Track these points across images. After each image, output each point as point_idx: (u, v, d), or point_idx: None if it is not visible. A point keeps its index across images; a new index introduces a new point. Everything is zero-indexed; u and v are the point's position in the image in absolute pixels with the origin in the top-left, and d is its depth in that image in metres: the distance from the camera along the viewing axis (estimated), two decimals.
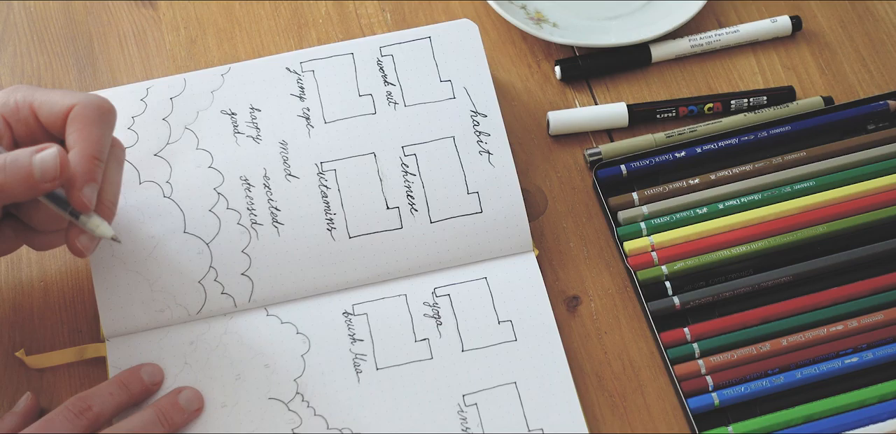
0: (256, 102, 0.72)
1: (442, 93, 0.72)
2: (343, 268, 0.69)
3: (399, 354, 0.66)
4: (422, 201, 0.70)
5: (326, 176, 0.70)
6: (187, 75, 0.73)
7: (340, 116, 0.72)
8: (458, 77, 0.73)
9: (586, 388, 0.67)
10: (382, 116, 0.72)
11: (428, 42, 0.74)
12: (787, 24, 0.77)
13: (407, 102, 0.72)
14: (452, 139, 0.71)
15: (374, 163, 0.71)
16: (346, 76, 0.73)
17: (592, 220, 0.72)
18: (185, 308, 0.68)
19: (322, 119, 0.72)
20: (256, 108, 0.72)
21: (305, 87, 0.73)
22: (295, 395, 0.66)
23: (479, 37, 0.74)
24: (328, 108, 0.72)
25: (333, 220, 0.70)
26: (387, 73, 0.73)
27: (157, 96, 0.72)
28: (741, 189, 0.71)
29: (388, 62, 0.73)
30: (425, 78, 0.73)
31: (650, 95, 0.77)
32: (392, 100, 0.72)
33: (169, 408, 0.64)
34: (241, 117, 0.72)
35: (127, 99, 0.72)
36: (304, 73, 0.73)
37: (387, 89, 0.72)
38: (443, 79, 0.73)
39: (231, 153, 0.71)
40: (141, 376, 0.65)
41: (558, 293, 0.70)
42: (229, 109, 0.72)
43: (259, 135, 0.71)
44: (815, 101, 0.75)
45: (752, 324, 0.67)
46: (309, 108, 0.72)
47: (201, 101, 0.72)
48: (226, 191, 0.70)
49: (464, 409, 0.65)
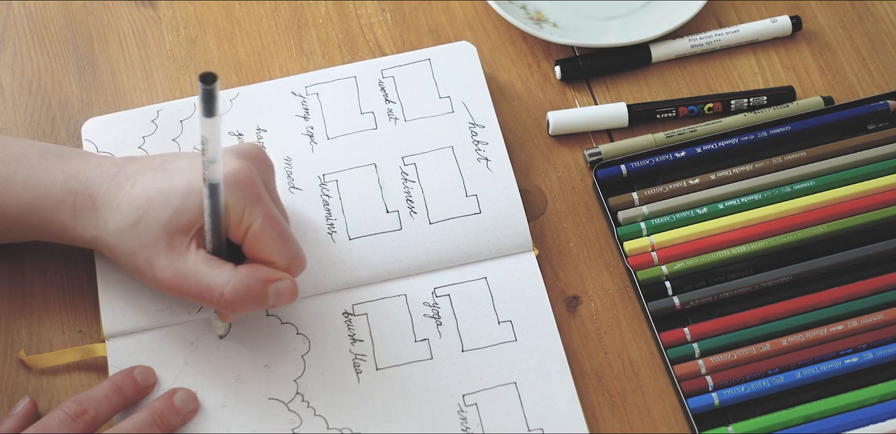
0: (262, 124, 0.74)
1: (441, 108, 0.73)
2: (343, 268, 0.69)
3: (399, 354, 0.67)
4: (421, 205, 0.70)
5: (328, 186, 0.71)
6: (195, 99, 0.74)
7: (343, 132, 0.73)
8: (456, 93, 0.74)
9: (586, 388, 0.67)
10: (383, 131, 0.73)
11: (428, 63, 0.75)
12: (787, 24, 0.77)
13: (407, 118, 0.73)
14: (451, 149, 0.72)
15: (374, 172, 0.72)
16: (348, 97, 0.74)
17: (592, 220, 0.72)
18: (186, 308, 0.68)
19: (325, 135, 0.73)
20: (262, 129, 0.73)
21: (310, 108, 0.74)
22: (295, 396, 0.66)
23: (477, 57, 0.75)
24: (331, 126, 0.73)
25: (334, 225, 0.70)
26: (388, 93, 0.74)
27: (168, 118, 0.74)
28: (741, 189, 0.71)
29: (390, 83, 0.75)
30: (425, 95, 0.74)
31: (650, 95, 0.77)
32: (393, 116, 0.73)
33: (164, 409, 0.64)
34: (248, 138, 0.73)
35: (138, 120, 0.74)
36: (308, 96, 0.75)
37: (388, 107, 0.74)
38: (442, 95, 0.74)
39: None
40: (134, 378, 0.65)
41: (558, 293, 0.70)
42: (236, 131, 0.73)
43: None
44: (815, 101, 0.75)
45: (752, 324, 0.67)
46: (313, 126, 0.73)
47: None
48: None
49: (464, 409, 0.65)
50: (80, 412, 0.62)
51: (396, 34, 0.79)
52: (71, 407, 0.62)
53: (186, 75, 0.78)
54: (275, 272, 0.62)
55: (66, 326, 0.70)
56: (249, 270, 0.61)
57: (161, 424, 0.63)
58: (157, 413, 0.64)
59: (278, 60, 0.78)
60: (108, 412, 0.63)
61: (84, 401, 0.63)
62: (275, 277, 0.62)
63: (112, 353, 0.67)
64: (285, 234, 0.63)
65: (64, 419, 0.62)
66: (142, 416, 0.63)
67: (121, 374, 0.65)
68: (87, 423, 0.62)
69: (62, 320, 0.70)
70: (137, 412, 0.64)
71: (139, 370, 0.66)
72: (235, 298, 0.61)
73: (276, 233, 0.62)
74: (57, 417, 0.62)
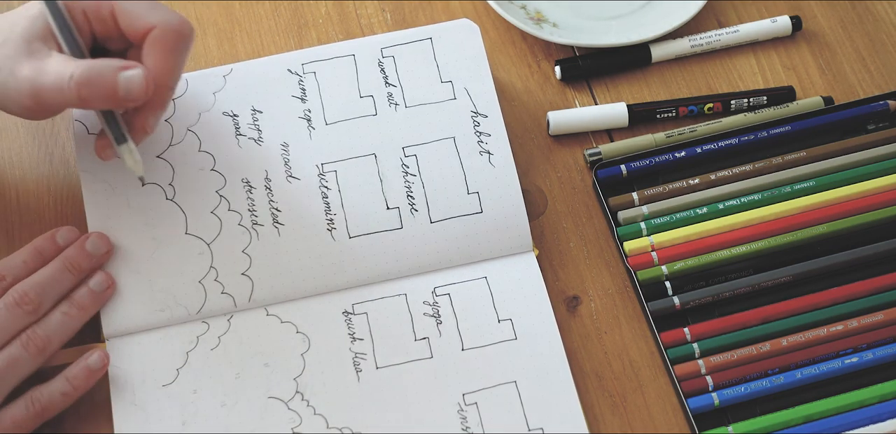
0: (258, 104, 0.72)
1: (443, 94, 0.72)
2: (343, 268, 0.69)
3: (399, 353, 0.66)
4: (422, 201, 0.70)
5: (327, 177, 0.70)
6: (189, 75, 0.73)
7: (341, 118, 0.72)
8: (459, 78, 0.73)
9: (586, 388, 0.67)
10: (383, 117, 0.72)
11: (429, 43, 0.74)
12: (787, 24, 0.77)
13: (408, 104, 0.72)
14: (453, 140, 0.71)
15: (374, 164, 0.71)
16: (347, 78, 0.73)
17: (592, 220, 0.72)
18: (185, 308, 0.68)
19: (323, 121, 0.72)
20: (258, 110, 0.72)
21: (307, 88, 0.73)
22: (294, 394, 0.65)
23: (479, 37, 0.74)
24: (329, 110, 0.72)
25: (334, 221, 0.70)
26: (388, 75, 0.73)
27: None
28: (741, 189, 0.71)
29: (390, 63, 0.73)
30: (426, 79, 0.73)
31: (650, 95, 0.77)
32: (393, 101, 0.72)
33: (76, 255, 0.66)
34: (243, 119, 0.72)
35: None
36: (305, 74, 0.73)
37: (388, 90, 0.73)
38: (444, 80, 0.73)
39: (233, 155, 0.71)
40: (55, 240, 0.67)
41: (558, 293, 0.70)
42: (231, 111, 0.72)
43: (261, 137, 0.71)
44: (815, 101, 0.75)
45: (752, 324, 0.67)
46: (310, 109, 0.72)
47: (203, 103, 0.72)
48: (227, 193, 0.70)
49: (464, 407, 0.65)
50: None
51: None
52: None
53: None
54: (127, 61, 0.62)
55: None
56: (102, 59, 0.62)
57: (73, 269, 0.65)
58: (68, 259, 0.66)
59: None
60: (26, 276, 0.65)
61: (2, 268, 0.65)
62: (126, 65, 0.61)
63: (112, 353, 0.67)
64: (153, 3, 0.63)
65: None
66: (54, 264, 0.65)
67: (41, 237, 0.67)
68: (3, 289, 0.64)
69: None
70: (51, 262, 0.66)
71: (62, 232, 0.67)
72: (82, 81, 0.60)
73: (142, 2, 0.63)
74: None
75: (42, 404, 0.63)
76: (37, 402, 0.63)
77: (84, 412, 0.66)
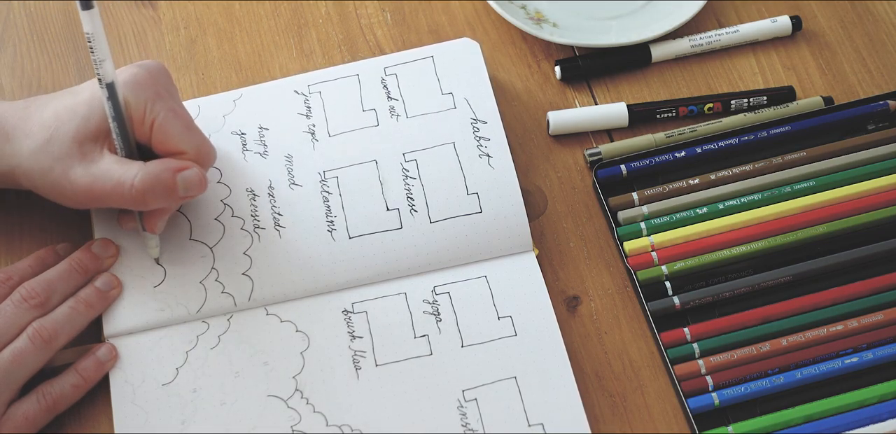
0: (265, 123, 0.74)
1: (443, 104, 0.73)
2: (343, 268, 0.69)
3: (398, 351, 0.66)
4: (422, 203, 0.70)
5: (328, 183, 0.71)
6: (201, 101, 0.75)
7: (344, 130, 0.73)
8: (459, 90, 0.74)
9: (586, 388, 0.67)
10: (385, 128, 0.73)
11: (431, 61, 0.75)
12: (787, 24, 0.77)
13: (409, 114, 0.73)
14: (453, 145, 0.72)
15: (375, 169, 0.71)
16: (351, 94, 0.74)
17: (592, 220, 0.72)
18: (186, 307, 0.68)
19: (326, 133, 0.73)
20: (265, 128, 0.74)
21: (312, 106, 0.74)
22: (294, 392, 0.65)
23: (480, 54, 0.75)
24: (332, 123, 0.73)
25: (334, 223, 0.70)
26: (390, 90, 0.74)
27: None
28: (741, 189, 0.71)
29: (392, 80, 0.74)
30: (427, 92, 0.74)
31: (650, 95, 0.77)
32: (395, 113, 0.73)
33: (83, 256, 0.68)
34: (250, 136, 0.73)
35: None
36: (311, 94, 0.75)
37: (390, 104, 0.73)
38: (444, 92, 0.74)
39: (239, 169, 0.72)
40: (56, 252, 0.69)
41: (558, 293, 0.70)
42: (239, 130, 0.74)
43: (266, 151, 0.72)
44: (815, 101, 0.75)
45: (752, 324, 0.67)
46: (314, 124, 0.73)
47: (213, 125, 0.74)
48: (232, 201, 0.71)
49: (463, 404, 0.65)
50: (4, 279, 0.66)
51: (396, 34, 0.79)
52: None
53: (187, 75, 0.78)
54: (182, 162, 0.64)
55: None
56: (158, 162, 0.64)
57: (80, 269, 0.67)
58: (75, 260, 0.67)
59: (278, 60, 0.78)
60: (32, 277, 0.67)
61: (9, 270, 0.67)
62: (183, 166, 0.64)
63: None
64: (190, 124, 0.65)
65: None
66: (62, 264, 0.67)
67: (42, 250, 0.69)
68: (11, 287, 0.66)
69: None
70: (59, 264, 0.67)
71: (61, 245, 0.69)
72: (145, 188, 0.62)
73: (180, 123, 0.64)
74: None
75: (53, 397, 0.64)
76: (48, 395, 0.64)
77: (84, 412, 0.66)
